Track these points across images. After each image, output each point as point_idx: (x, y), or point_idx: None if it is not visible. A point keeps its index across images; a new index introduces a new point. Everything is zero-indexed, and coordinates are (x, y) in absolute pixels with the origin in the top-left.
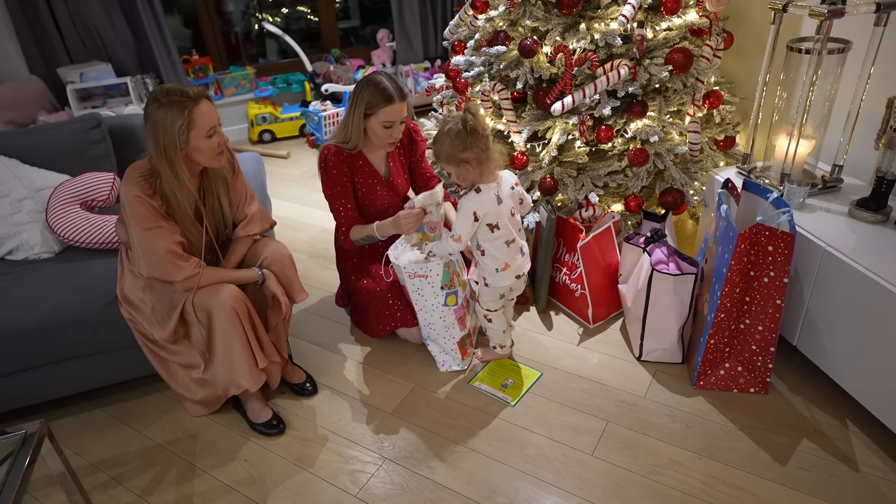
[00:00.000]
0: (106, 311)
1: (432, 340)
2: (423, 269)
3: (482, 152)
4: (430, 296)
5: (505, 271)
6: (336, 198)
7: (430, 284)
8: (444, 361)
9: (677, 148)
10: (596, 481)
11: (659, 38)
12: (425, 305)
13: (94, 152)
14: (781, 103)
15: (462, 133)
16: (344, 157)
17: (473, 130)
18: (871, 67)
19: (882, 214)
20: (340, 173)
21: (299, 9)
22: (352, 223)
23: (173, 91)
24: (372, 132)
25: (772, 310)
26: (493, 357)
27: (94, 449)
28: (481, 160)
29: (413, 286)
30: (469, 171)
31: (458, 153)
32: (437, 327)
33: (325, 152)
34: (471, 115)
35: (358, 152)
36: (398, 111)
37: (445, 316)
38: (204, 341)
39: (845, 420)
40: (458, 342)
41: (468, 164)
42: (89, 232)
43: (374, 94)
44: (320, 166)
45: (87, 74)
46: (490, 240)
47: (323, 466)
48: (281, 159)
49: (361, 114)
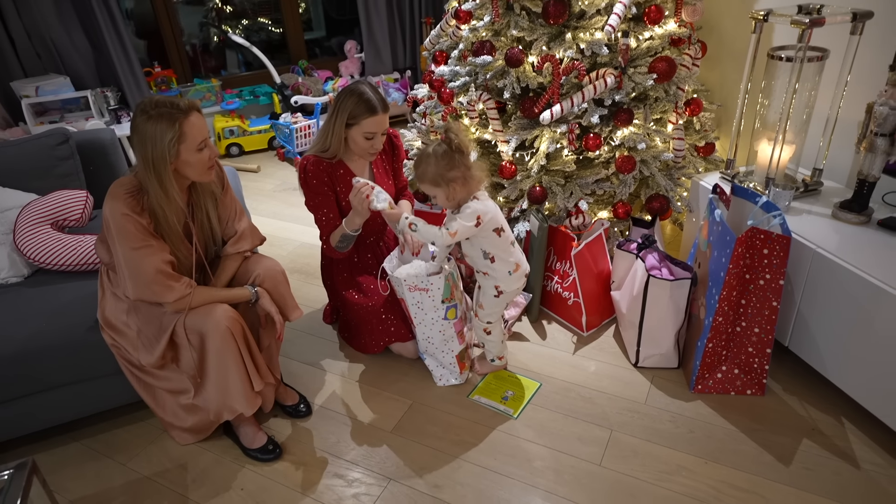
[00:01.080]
0: (86, 336)
1: (430, 355)
2: (423, 283)
3: (467, 170)
4: (431, 309)
5: (517, 272)
6: (318, 208)
7: (431, 298)
8: (442, 375)
9: (662, 155)
10: (607, 492)
11: (642, 48)
12: (425, 319)
13: (61, 169)
14: (763, 110)
15: (448, 152)
16: (324, 167)
17: (459, 148)
18: (847, 75)
19: (864, 216)
20: (321, 182)
21: (260, 20)
22: (332, 231)
23: (163, 103)
24: (353, 142)
25: (768, 312)
26: (491, 369)
27: (74, 486)
28: (467, 178)
29: (413, 299)
30: (456, 190)
31: (446, 172)
32: (435, 341)
33: (304, 163)
34: (454, 134)
35: (338, 161)
36: (381, 122)
37: (445, 329)
38: (195, 365)
39: (840, 418)
40: (456, 356)
41: (455, 182)
42: (62, 253)
43: (357, 104)
44: (300, 178)
45: (44, 88)
46: (498, 245)
47: (325, 491)
48: (251, 173)
49: (343, 123)
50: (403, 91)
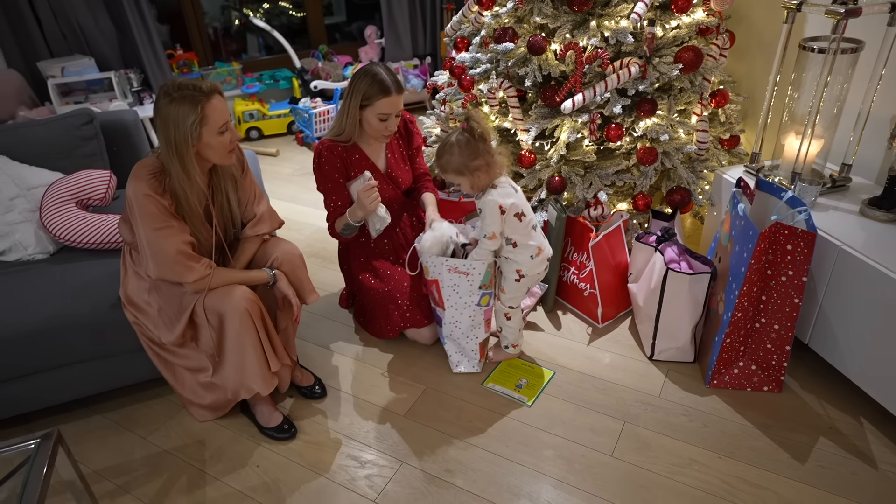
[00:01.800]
0: (109, 313)
1: (452, 339)
2: (465, 266)
3: (490, 156)
4: (466, 293)
5: (539, 256)
6: (329, 193)
7: (470, 282)
8: (459, 362)
9: (685, 147)
10: (618, 483)
11: (668, 37)
12: (458, 303)
13: (86, 149)
14: (792, 103)
15: (472, 141)
16: (338, 152)
17: (482, 137)
18: (882, 68)
19: (894, 213)
20: (333, 169)
21: (281, 4)
22: (338, 217)
23: (185, 85)
24: (367, 123)
25: (789, 308)
26: (505, 357)
27: (96, 457)
28: (490, 164)
29: (450, 281)
30: (480, 177)
31: (470, 162)
32: (463, 326)
33: (318, 148)
34: (476, 122)
35: (353, 146)
36: (395, 103)
37: (475, 315)
38: (214, 344)
39: (859, 417)
40: (480, 343)
41: (479, 171)
42: (86, 231)
43: (371, 84)
44: (314, 162)
45: (69, 69)
46: (520, 230)
47: (338, 471)
48: (270, 157)
49: (357, 104)
50: (423, 78)
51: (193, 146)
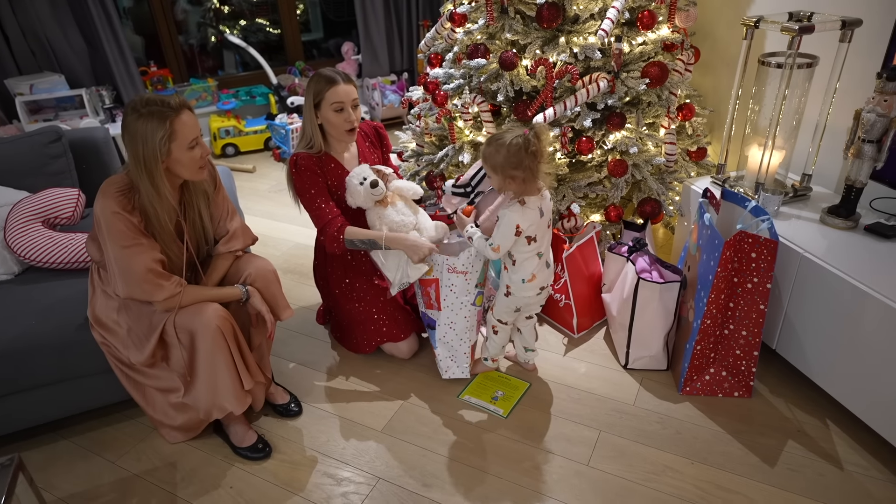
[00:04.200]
0: (76, 334)
1: (445, 344)
2: (464, 265)
3: (531, 174)
4: (463, 293)
5: (530, 282)
6: (314, 198)
7: (468, 281)
8: (448, 368)
9: (654, 159)
10: (594, 491)
11: (635, 52)
12: (455, 303)
13: (54, 167)
14: (754, 116)
15: (521, 152)
16: (314, 160)
17: (533, 154)
18: (836, 82)
19: (852, 221)
20: (314, 173)
21: (258, 21)
22: (341, 222)
23: (153, 101)
24: (327, 123)
25: (755, 315)
26: (482, 370)
27: (62, 483)
28: (527, 180)
29: (448, 281)
30: (512, 186)
31: (510, 168)
32: (458, 328)
33: (293, 159)
34: (535, 139)
35: (326, 155)
36: (344, 91)
37: (470, 316)
38: (185, 363)
39: (826, 420)
40: (471, 345)
41: (513, 180)
42: (53, 251)
43: (317, 81)
44: (291, 171)
45: (38, 86)
46: (524, 251)
47: (314, 490)
48: (247, 173)
49: (311, 107)
50: (400, 93)
51: (163, 162)
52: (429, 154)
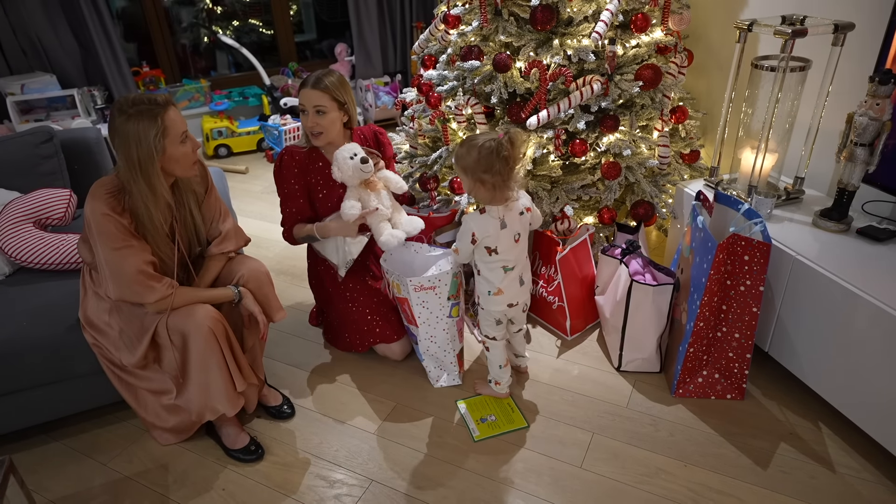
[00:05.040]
0: (67, 335)
1: (430, 356)
2: (430, 282)
3: (503, 180)
4: (437, 308)
5: (497, 296)
6: (285, 198)
7: (438, 295)
8: (439, 377)
9: (647, 161)
10: (587, 493)
11: (629, 55)
12: (430, 318)
13: (45, 168)
14: (747, 119)
15: (492, 155)
16: (299, 158)
17: (505, 159)
18: (829, 85)
19: (844, 224)
20: (290, 174)
21: (251, 21)
22: (294, 223)
23: (140, 100)
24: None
25: (748, 317)
26: (489, 393)
27: (53, 485)
28: (497, 186)
29: (418, 299)
30: (481, 190)
31: (479, 171)
32: (439, 340)
33: (281, 153)
34: (508, 144)
35: (317, 152)
36: (307, 97)
37: (449, 328)
38: (177, 365)
39: (818, 422)
40: (457, 354)
41: (483, 184)
42: (44, 252)
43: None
44: (275, 167)
45: (30, 86)
46: (486, 262)
47: (306, 492)
48: (239, 174)
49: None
50: (393, 95)
51: (159, 160)
52: (422, 156)
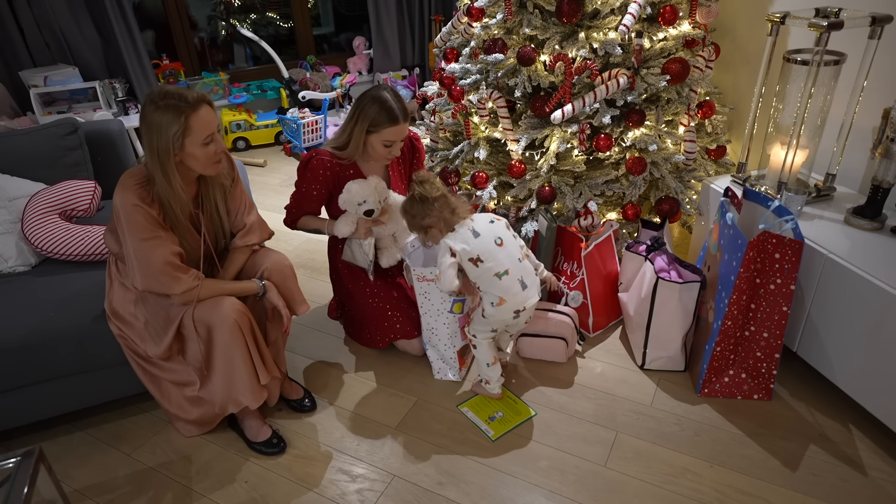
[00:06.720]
0: (93, 326)
1: (433, 345)
2: (432, 273)
3: (441, 213)
4: (437, 300)
5: (500, 306)
6: (300, 196)
7: (440, 289)
8: (441, 369)
9: (673, 157)
10: (611, 493)
11: (655, 49)
12: (430, 309)
13: (70, 159)
14: (777, 114)
15: (416, 203)
16: (331, 166)
17: (423, 198)
18: (864, 80)
19: (878, 222)
20: (314, 180)
21: (269, 14)
22: (299, 218)
23: (171, 94)
24: (371, 147)
25: (777, 317)
26: (482, 392)
27: (78, 474)
28: (443, 219)
29: (420, 289)
30: (436, 233)
31: (420, 221)
32: (440, 333)
33: (312, 155)
34: (418, 186)
35: (352, 163)
36: (401, 131)
37: (450, 323)
38: (202, 357)
39: (848, 424)
40: (458, 351)
41: (433, 227)
42: (70, 243)
43: (379, 112)
44: (301, 164)
45: (52, 78)
46: (478, 275)
47: (328, 486)
48: (258, 167)
49: (364, 129)
50: (411, 88)
51: (175, 156)
52: (443, 150)
